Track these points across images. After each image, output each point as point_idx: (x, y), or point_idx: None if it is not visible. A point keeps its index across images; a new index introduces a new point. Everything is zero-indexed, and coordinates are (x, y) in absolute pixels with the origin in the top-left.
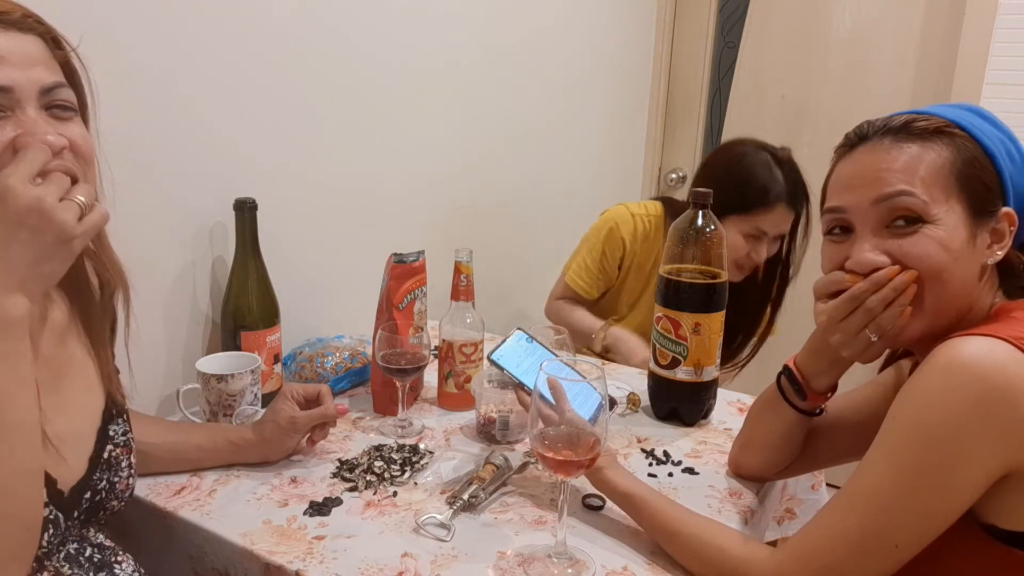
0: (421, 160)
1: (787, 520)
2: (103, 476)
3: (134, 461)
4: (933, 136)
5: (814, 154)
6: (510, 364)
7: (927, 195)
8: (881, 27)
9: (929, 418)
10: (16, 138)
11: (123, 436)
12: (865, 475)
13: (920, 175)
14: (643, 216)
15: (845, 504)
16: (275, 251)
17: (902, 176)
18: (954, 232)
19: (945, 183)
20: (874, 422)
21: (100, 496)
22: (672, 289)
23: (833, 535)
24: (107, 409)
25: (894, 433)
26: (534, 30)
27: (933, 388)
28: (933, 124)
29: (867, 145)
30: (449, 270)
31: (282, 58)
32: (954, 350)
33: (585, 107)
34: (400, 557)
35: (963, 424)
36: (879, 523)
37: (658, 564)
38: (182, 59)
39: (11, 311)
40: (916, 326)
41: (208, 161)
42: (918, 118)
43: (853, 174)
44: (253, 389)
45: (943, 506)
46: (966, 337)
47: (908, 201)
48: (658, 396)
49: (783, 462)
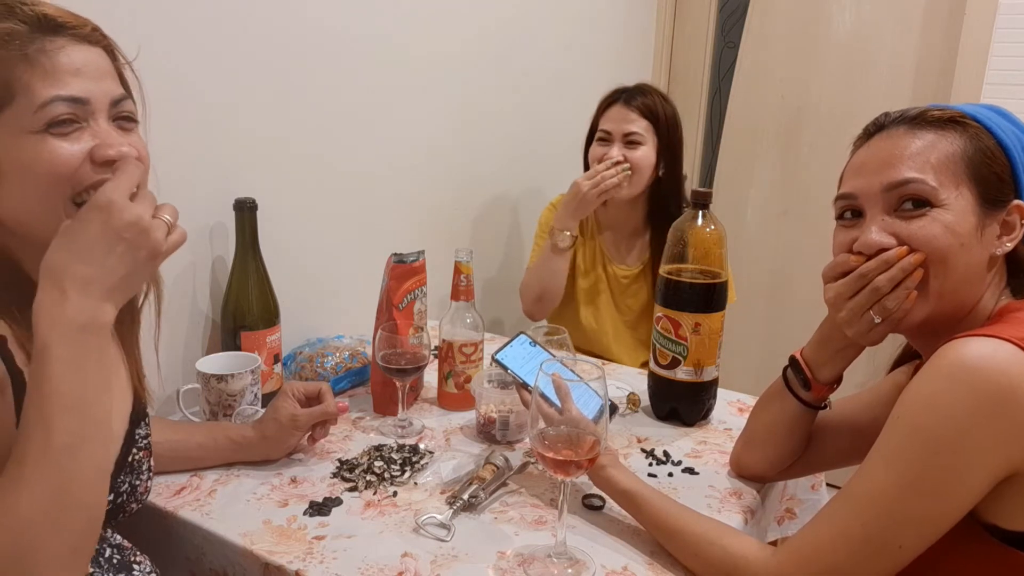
0: (421, 160)
1: (787, 520)
2: (127, 479)
3: (152, 464)
4: (947, 125)
5: (814, 154)
6: (514, 364)
7: (936, 181)
8: (881, 27)
9: (932, 421)
10: (93, 149)
11: (145, 439)
12: (867, 477)
13: (931, 161)
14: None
15: (847, 505)
16: (275, 251)
17: (912, 163)
18: (962, 218)
19: (955, 170)
20: (877, 426)
21: (122, 498)
22: (672, 289)
23: (834, 536)
24: (135, 411)
25: (897, 435)
26: (535, 30)
27: (936, 390)
28: (948, 114)
29: (883, 133)
30: (449, 270)
31: (282, 58)
32: (957, 351)
33: (586, 107)
34: (400, 557)
35: (966, 427)
36: (881, 525)
37: (658, 564)
38: (182, 59)
39: (101, 316)
40: (920, 310)
41: (208, 161)
42: (933, 109)
43: (866, 160)
44: (253, 389)
45: (945, 509)
46: (969, 338)
47: (917, 187)
48: (658, 396)
49: (786, 459)
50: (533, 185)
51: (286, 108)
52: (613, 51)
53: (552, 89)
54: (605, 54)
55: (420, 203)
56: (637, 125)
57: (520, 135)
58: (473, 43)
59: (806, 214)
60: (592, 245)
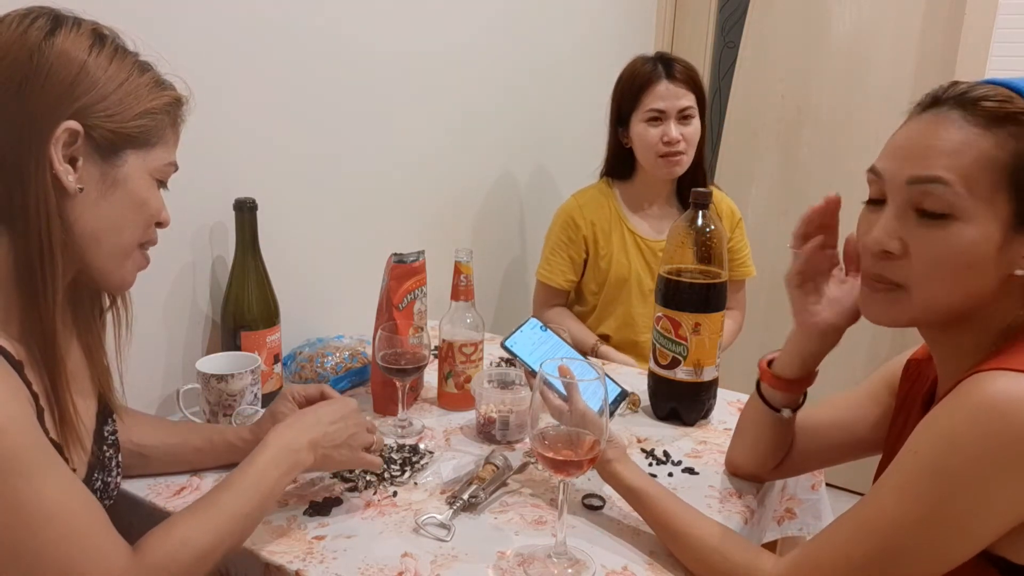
0: (422, 160)
1: (787, 520)
2: (99, 477)
3: (121, 459)
4: (1002, 122)
5: (814, 154)
6: (523, 351)
7: (965, 187)
8: (881, 27)
9: (954, 462)
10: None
11: (113, 436)
12: (876, 504)
13: (965, 164)
14: (583, 191)
15: (853, 528)
16: (275, 251)
17: (946, 160)
18: (985, 237)
19: (994, 178)
20: (866, 422)
21: (96, 496)
22: (672, 289)
23: (836, 558)
24: (100, 411)
25: (914, 468)
26: (535, 30)
27: (960, 431)
28: (1004, 109)
29: (933, 112)
30: (449, 270)
31: (282, 58)
32: (985, 391)
33: (586, 107)
34: (400, 557)
35: (991, 473)
36: (884, 556)
37: (658, 564)
38: (181, 59)
39: (303, 459)
40: (904, 313)
41: (208, 161)
42: (994, 95)
43: (906, 139)
44: (253, 389)
45: (955, 547)
46: (997, 373)
47: (941, 190)
48: (658, 396)
49: (770, 458)
50: (533, 185)
51: (286, 108)
52: (613, 51)
53: (552, 89)
54: (605, 54)
55: (420, 203)
56: (687, 99)
57: (520, 135)
58: (473, 43)
59: None
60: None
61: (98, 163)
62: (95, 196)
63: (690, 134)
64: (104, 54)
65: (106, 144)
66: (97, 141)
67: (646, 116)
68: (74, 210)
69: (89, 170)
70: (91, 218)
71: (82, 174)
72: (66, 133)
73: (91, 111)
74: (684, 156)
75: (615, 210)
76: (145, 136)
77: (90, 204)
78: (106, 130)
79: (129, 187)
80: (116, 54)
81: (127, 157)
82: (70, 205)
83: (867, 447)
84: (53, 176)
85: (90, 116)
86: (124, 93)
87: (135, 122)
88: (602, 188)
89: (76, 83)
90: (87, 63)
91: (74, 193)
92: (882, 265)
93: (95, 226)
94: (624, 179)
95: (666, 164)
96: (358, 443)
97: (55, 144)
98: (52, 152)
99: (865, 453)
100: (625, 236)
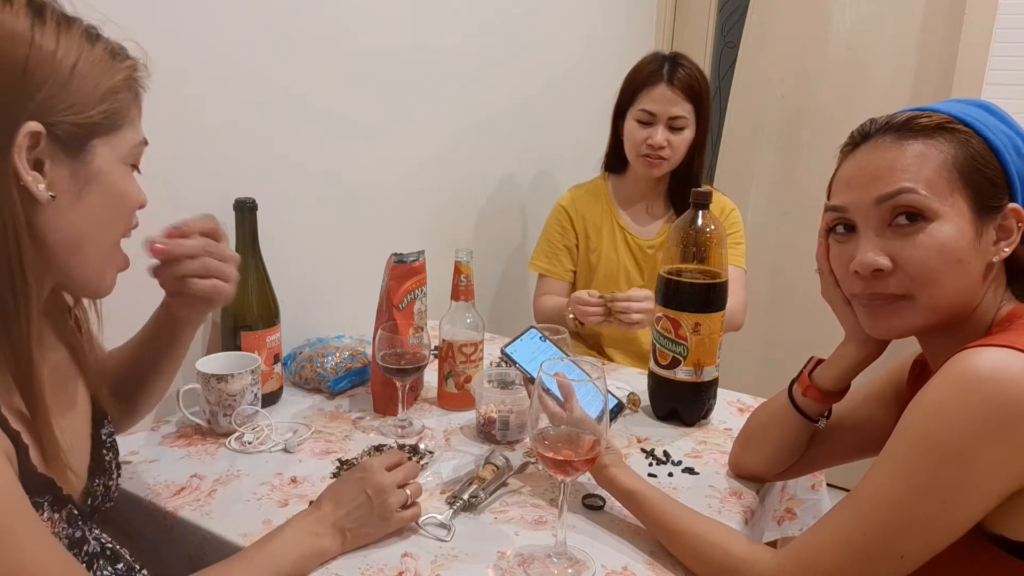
0: (421, 160)
1: (787, 520)
2: (100, 481)
3: (119, 461)
4: (935, 132)
5: (814, 154)
6: (523, 359)
7: (929, 191)
8: (881, 27)
9: (940, 431)
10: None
11: (111, 438)
12: (872, 484)
13: (922, 172)
14: (579, 185)
15: (850, 512)
16: (275, 251)
17: (903, 174)
18: (959, 230)
19: (948, 178)
20: (873, 423)
21: (98, 500)
22: (672, 289)
23: (835, 542)
24: (95, 415)
25: (904, 443)
26: (534, 30)
27: (946, 401)
28: (935, 120)
29: (870, 143)
30: (449, 270)
31: (282, 58)
32: (970, 361)
33: (586, 107)
34: (400, 557)
35: (977, 441)
36: (884, 534)
37: (658, 564)
38: (181, 59)
39: (328, 546)
40: (914, 321)
41: (208, 161)
42: (920, 115)
43: (855, 172)
44: (253, 389)
45: (951, 520)
46: (983, 348)
47: (910, 198)
48: (658, 396)
49: (786, 463)
50: (534, 185)
51: (286, 108)
52: (613, 52)
53: (552, 90)
54: (605, 55)
55: (420, 203)
56: (682, 108)
57: (520, 136)
58: (474, 44)
59: (806, 214)
60: (610, 221)
61: (66, 162)
62: (69, 200)
63: (677, 142)
64: (48, 28)
65: (71, 139)
66: (61, 138)
67: (638, 115)
68: (47, 220)
69: (58, 172)
70: (67, 225)
71: (51, 178)
72: (28, 137)
73: (51, 105)
74: (665, 162)
75: (607, 205)
76: (111, 121)
77: (65, 210)
78: (69, 124)
79: (104, 182)
80: (60, 26)
81: (95, 148)
82: (42, 216)
83: (874, 447)
84: (20, 188)
85: (51, 112)
86: (81, 76)
87: (98, 108)
88: (598, 183)
89: (28, 72)
90: (34, 42)
91: (46, 202)
92: (878, 284)
93: (74, 232)
94: (618, 173)
95: (645, 163)
96: (391, 510)
97: (18, 152)
98: (16, 161)
99: (872, 453)
100: (615, 231)
